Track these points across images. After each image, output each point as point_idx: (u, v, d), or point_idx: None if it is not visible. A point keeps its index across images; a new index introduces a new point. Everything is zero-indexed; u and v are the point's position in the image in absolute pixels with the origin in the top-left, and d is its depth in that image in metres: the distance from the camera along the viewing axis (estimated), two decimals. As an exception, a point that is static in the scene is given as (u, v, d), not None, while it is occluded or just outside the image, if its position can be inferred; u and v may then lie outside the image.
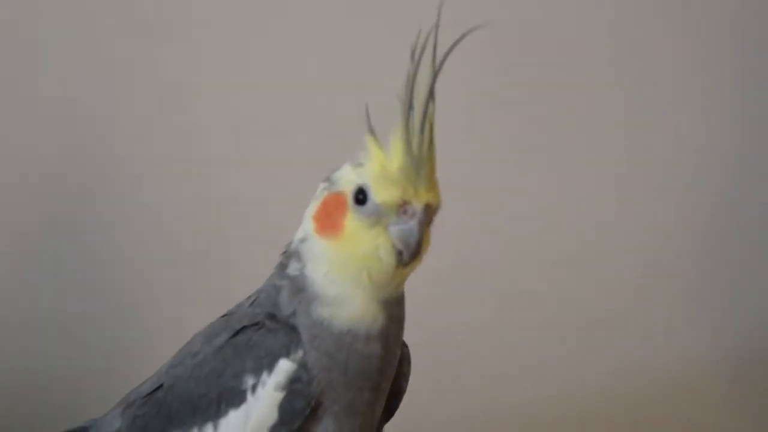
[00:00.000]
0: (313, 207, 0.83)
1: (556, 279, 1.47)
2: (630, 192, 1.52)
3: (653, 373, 1.46)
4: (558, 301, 1.47)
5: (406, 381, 0.88)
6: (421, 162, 0.78)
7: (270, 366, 0.80)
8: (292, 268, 0.83)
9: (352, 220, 0.80)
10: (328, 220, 0.81)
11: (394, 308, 0.82)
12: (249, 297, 0.86)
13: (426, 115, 0.78)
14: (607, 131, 1.51)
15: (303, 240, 0.83)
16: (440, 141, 0.79)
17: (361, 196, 0.80)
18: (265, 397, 0.80)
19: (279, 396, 0.80)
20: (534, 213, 1.46)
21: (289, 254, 0.84)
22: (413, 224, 0.78)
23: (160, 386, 0.86)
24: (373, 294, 0.80)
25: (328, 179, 0.83)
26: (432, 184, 0.79)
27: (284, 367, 0.80)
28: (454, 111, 0.97)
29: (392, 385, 0.85)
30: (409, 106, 0.78)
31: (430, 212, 0.79)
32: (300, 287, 0.82)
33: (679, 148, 1.52)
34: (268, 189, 1.39)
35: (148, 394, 0.86)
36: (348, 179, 0.81)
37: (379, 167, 0.79)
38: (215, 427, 0.81)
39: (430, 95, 0.78)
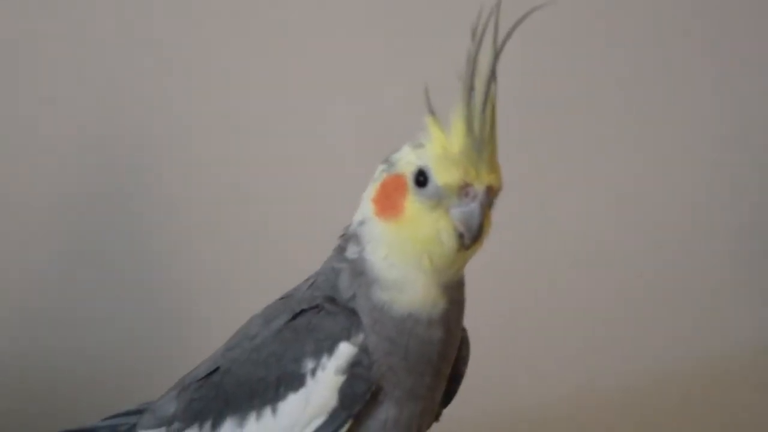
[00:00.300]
0: (372, 189, 0.82)
1: (571, 278, 1.45)
2: (646, 192, 1.49)
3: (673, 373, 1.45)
4: (573, 300, 1.45)
5: (465, 365, 0.87)
6: (483, 143, 0.77)
7: (330, 349, 0.79)
8: (351, 251, 0.82)
9: (413, 203, 0.79)
10: (388, 203, 0.80)
11: (454, 292, 0.81)
12: (307, 279, 0.85)
13: (488, 95, 0.77)
14: (639, 126, 1.48)
15: (362, 223, 0.82)
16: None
17: (421, 178, 0.78)
18: (325, 380, 0.79)
19: (339, 380, 0.79)
20: (552, 210, 1.44)
21: (348, 237, 0.83)
22: (475, 206, 0.77)
23: (217, 369, 0.85)
24: (434, 278, 0.79)
25: (387, 161, 0.82)
26: (493, 166, 0.78)
27: (345, 350, 0.79)
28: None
29: (452, 369, 0.84)
30: (471, 87, 0.77)
31: (491, 194, 0.78)
32: (359, 270, 0.81)
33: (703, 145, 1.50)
34: (313, 183, 1.37)
35: (204, 378, 0.85)
36: (408, 161, 0.80)
37: (440, 149, 0.78)
38: (274, 410, 0.80)
39: (492, 76, 0.77)
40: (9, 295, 1.32)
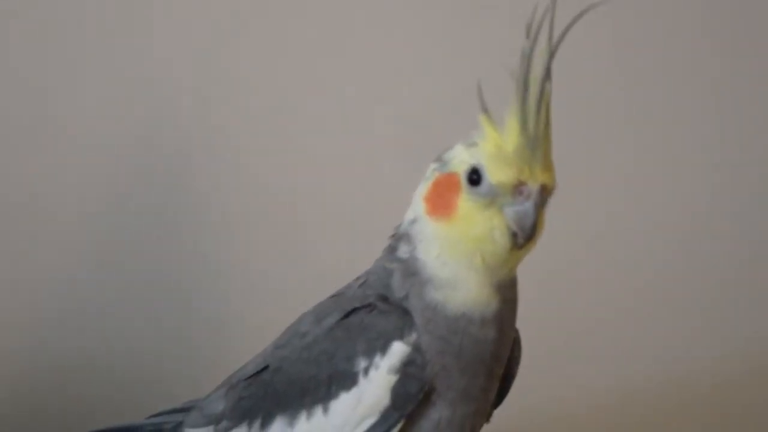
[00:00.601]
0: (424, 188, 0.81)
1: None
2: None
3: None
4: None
5: (518, 365, 0.87)
6: (537, 142, 0.76)
7: (383, 348, 0.78)
8: (402, 251, 0.81)
9: (466, 201, 0.78)
10: (440, 201, 0.79)
11: (507, 291, 0.80)
12: (357, 278, 0.85)
13: (543, 94, 0.76)
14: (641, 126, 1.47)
15: (413, 221, 0.81)
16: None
17: (475, 177, 0.78)
18: (377, 380, 0.78)
19: (392, 379, 0.78)
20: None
21: (399, 236, 0.82)
22: (529, 205, 0.76)
23: (266, 368, 0.84)
24: (487, 277, 0.78)
25: (439, 159, 0.81)
26: (548, 165, 0.77)
27: (398, 349, 0.78)
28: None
29: (504, 370, 0.84)
30: (525, 86, 0.76)
31: (545, 193, 0.77)
32: (412, 270, 0.80)
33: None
34: (351, 183, 1.37)
35: (253, 376, 0.85)
36: (461, 159, 0.79)
37: (494, 147, 0.77)
38: (325, 409, 0.80)
39: (547, 74, 0.76)
40: (44, 294, 1.31)
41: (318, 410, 0.80)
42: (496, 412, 0.89)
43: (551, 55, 0.76)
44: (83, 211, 1.32)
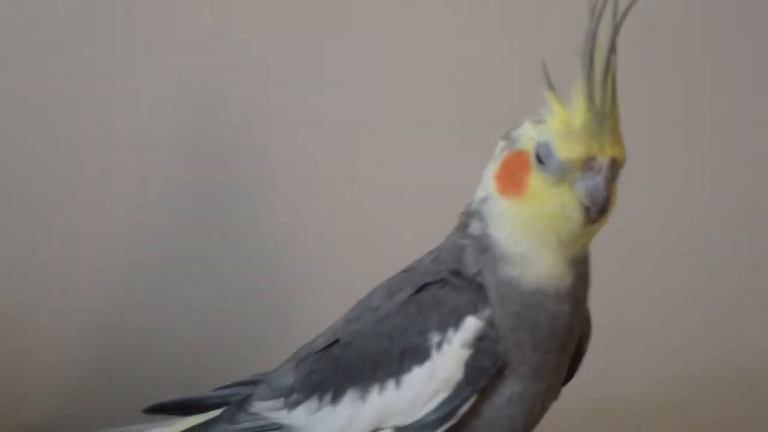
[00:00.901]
0: (494, 167, 0.81)
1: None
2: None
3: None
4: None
5: (588, 342, 0.86)
6: (605, 116, 0.76)
7: (456, 323, 0.78)
8: (474, 228, 0.81)
9: (536, 179, 0.78)
10: (511, 179, 0.79)
11: (581, 266, 0.80)
12: (429, 253, 0.85)
13: (608, 68, 0.76)
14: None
15: (484, 200, 0.81)
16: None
17: (544, 154, 0.77)
18: (451, 354, 0.78)
19: (465, 354, 0.78)
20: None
21: (470, 214, 0.82)
22: (600, 180, 0.76)
23: (336, 341, 0.85)
24: (561, 252, 0.78)
25: (507, 137, 0.81)
26: (616, 138, 0.77)
27: (471, 324, 0.78)
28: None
29: (575, 347, 0.83)
30: (590, 61, 0.76)
31: (615, 167, 0.77)
32: (484, 246, 0.80)
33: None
34: (420, 173, 1.36)
35: (323, 350, 0.85)
36: (529, 136, 0.79)
37: (561, 123, 0.77)
38: (398, 383, 0.80)
39: (612, 48, 0.76)
40: (135, 275, 1.33)
41: (390, 384, 0.80)
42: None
43: (616, 29, 0.76)
44: (160, 208, 1.33)
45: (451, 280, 0.80)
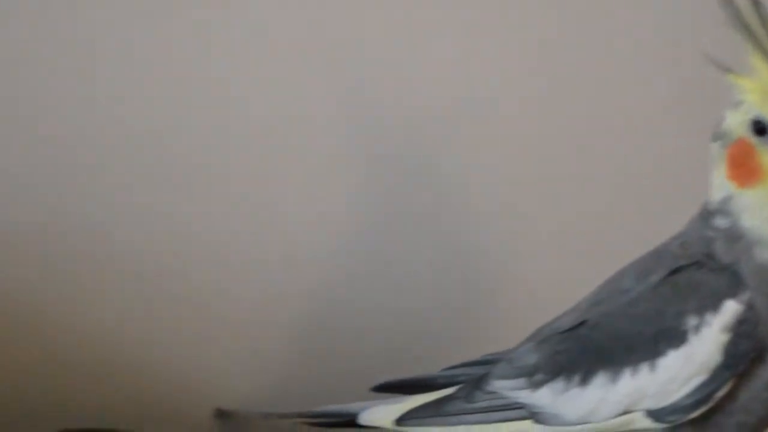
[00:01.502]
0: (721, 169, 0.80)
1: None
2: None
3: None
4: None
5: None
6: None
7: (715, 307, 0.78)
8: (720, 222, 0.81)
9: (766, 156, 0.77)
10: (744, 171, 0.78)
11: None
12: (674, 238, 0.84)
13: (766, 22, 0.75)
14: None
15: (726, 200, 0.80)
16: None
17: (760, 126, 0.77)
18: (709, 338, 0.78)
19: (724, 338, 0.78)
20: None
21: (711, 212, 0.82)
22: None
23: (583, 322, 0.85)
24: None
25: (718, 135, 0.81)
26: None
27: (731, 308, 0.78)
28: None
29: None
30: (746, 26, 0.75)
31: None
32: (737, 236, 0.79)
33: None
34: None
35: (569, 330, 0.86)
36: (739, 122, 0.78)
37: (761, 93, 0.77)
38: (652, 366, 0.80)
39: (755, 3, 0.76)
40: (330, 261, 1.35)
41: (644, 367, 0.80)
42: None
43: None
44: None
45: (707, 262, 0.80)
